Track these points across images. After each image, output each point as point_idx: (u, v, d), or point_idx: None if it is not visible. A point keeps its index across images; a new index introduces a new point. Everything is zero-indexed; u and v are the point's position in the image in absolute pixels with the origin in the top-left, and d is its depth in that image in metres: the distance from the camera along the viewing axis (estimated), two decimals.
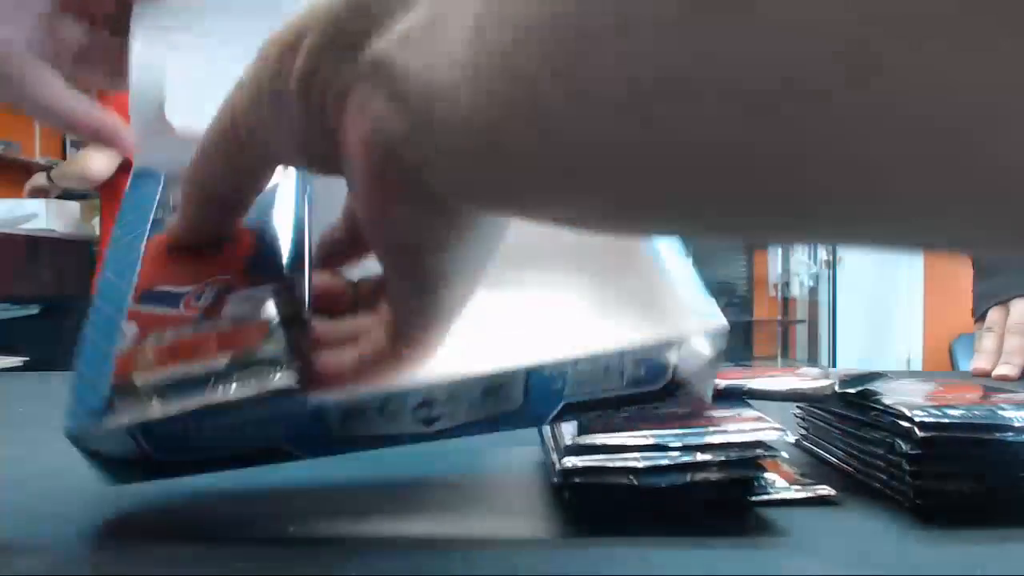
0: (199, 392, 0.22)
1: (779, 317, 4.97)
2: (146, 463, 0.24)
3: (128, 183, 0.30)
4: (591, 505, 0.28)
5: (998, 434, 0.28)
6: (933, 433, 0.28)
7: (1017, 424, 0.28)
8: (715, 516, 0.28)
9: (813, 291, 4.77)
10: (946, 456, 0.28)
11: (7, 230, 2.56)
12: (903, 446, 0.28)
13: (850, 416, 0.33)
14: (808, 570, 0.24)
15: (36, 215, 2.75)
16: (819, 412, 0.36)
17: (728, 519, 0.28)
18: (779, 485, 0.30)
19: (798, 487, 0.30)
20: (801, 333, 4.97)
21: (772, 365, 4.71)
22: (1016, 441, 0.28)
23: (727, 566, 0.24)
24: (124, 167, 2.02)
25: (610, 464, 0.26)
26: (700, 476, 0.26)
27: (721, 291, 4.97)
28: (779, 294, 4.95)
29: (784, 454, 0.28)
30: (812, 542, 0.26)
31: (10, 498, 0.31)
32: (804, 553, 0.25)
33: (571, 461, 0.26)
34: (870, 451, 0.31)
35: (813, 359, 4.69)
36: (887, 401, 0.30)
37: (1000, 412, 0.28)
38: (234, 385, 0.22)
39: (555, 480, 0.27)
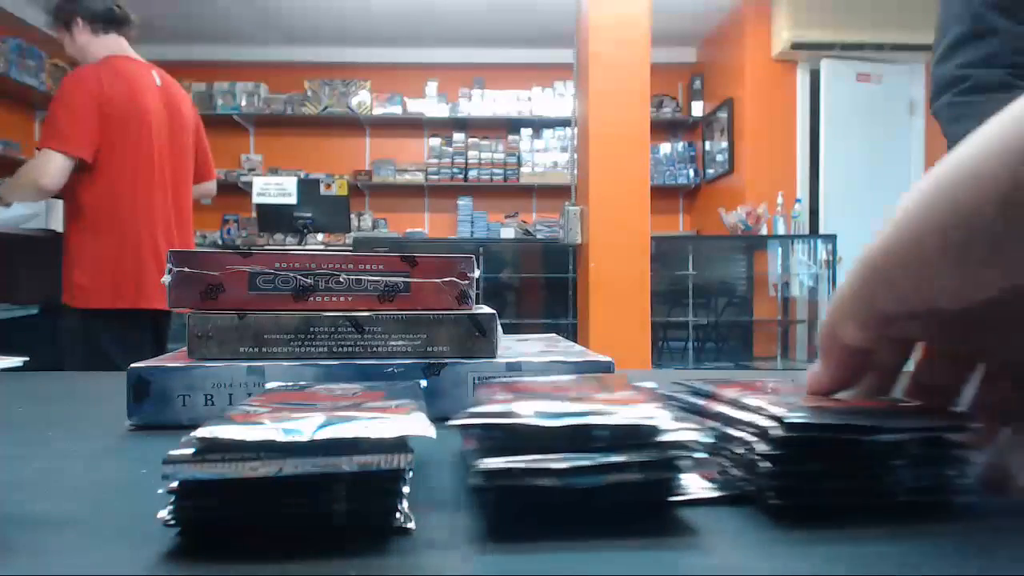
0: None
1: (779, 317, 4.95)
2: None
3: None
4: (509, 505, 0.28)
5: (854, 435, 0.28)
6: (790, 433, 0.28)
7: (875, 426, 0.28)
8: (634, 516, 0.28)
9: (813, 291, 4.76)
10: (803, 457, 0.28)
11: (7, 230, 2.57)
12: (760, 447, 0.29)
13: (729, 417, 0.33)
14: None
15: (36, 215, 2.76)
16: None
17: (647, 519, 0.28)
18: (698, 484, 0.30)
19: (717, 486, 0.31)
20: (801, 333, 4.96)
21: (772, 365, 4.69)
22: (871, 441, 0.28)
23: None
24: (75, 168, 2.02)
25: (531, 466, 0.26)
26: (618, 477, 0.26)
27: (721, 291, 4.96)
28: (779, 294, 4.94)
29: (703, 454, 0.28)
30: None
31: (10, 499, 0.31)
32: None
33: (490, 463, 0.26)
34: (738, 451, 0.31)
35: (813, 359, 4.67)
36: (755, 403, 0.31)
37: (862, 415, 0.29)
38: None
39: (473, 483, 0.26)
